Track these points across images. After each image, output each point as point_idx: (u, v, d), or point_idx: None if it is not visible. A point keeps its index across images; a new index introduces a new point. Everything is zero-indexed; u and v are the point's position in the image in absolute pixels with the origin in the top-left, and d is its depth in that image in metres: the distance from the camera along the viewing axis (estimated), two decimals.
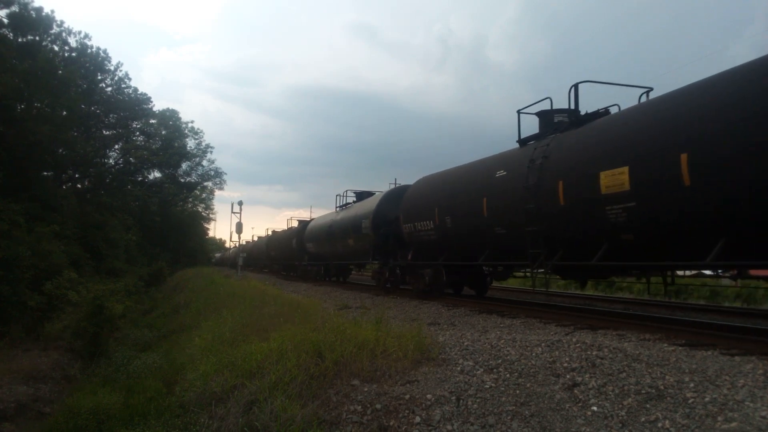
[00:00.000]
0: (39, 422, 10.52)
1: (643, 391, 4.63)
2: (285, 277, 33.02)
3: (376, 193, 19.44)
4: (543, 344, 6.36)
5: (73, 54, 35.00)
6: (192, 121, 76.98)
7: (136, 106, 41.67)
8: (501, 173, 10.70)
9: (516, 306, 11.83)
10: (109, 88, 39.65)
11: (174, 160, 48.64)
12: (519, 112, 11.06)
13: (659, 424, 4.11)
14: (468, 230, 11.86)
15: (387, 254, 16.40)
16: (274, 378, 6.31)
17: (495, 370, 5.71)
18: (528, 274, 11.49)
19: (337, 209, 22.87)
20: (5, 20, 22.89)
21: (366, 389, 5.66)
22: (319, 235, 24.33)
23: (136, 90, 42.23)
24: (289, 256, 31.40)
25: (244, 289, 17.97)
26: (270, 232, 43.47)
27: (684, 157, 6.59)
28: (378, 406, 5.26)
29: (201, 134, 55.63)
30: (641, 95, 9.00)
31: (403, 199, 15.44)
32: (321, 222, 25.17)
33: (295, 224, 33.45)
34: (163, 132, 48.63)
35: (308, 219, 31.24)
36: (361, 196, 21.44)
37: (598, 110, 9.45)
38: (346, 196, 22.72)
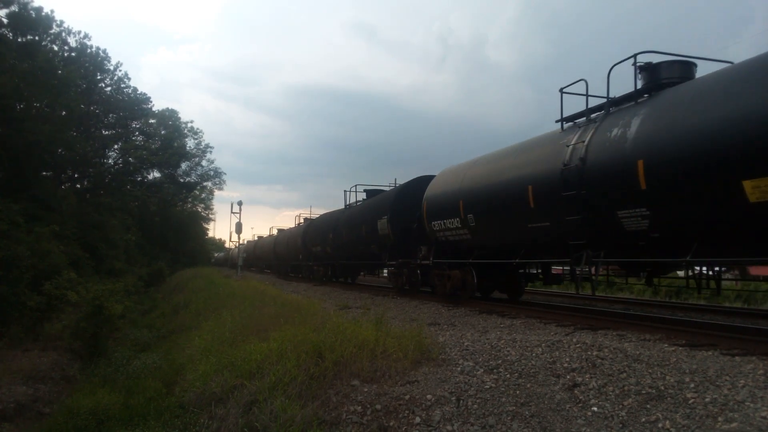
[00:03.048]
0: (38, 422, 10.51)
1: (643, 392, 4.63)
2: (344, 286, 21.59)
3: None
4: (543, 344, 6.35)
5: (73, 54, 34.98)
6: (191, 121, 77.03)
7: (136, 105, 41.68)
8: None
9: (516, 306, 11.81)
10: (109, 88, 39.65)
11: (173, 160, 48.58)
12: None
13: (659, 425, 4.11)
14: None
15: None
16: (274, 378, 6.31)
17: (495, 370, 5.70)
18: None
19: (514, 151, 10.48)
20: (5, 20, 22.89)
21: (366, 389, 5.65)
22: (497, 199, 10.51)
23: (135, 90, 42.30)
24: (363, 252, 18.25)
25: (244, 290, 17.96)
26: (302, 220, 31.42)
27: None
28: (378, 407, 5.25)
29: (200, 134, 55.67)
30: None
31: None
32: (493, 170, 10.96)
33: (356, 198, 20.29)
34: (163, 132, 48.64)
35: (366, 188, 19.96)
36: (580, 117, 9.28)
37: None
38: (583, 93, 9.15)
